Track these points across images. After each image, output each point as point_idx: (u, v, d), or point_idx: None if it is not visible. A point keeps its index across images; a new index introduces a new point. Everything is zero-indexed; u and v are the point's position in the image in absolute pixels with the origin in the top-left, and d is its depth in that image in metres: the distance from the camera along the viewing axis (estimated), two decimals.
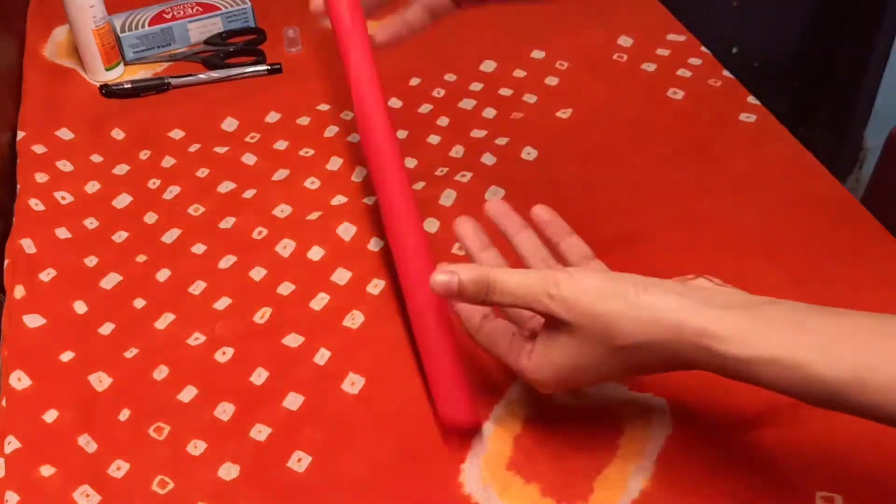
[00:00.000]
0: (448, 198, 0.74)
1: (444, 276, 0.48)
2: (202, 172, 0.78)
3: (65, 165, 0.79)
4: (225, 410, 0.59)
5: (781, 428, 0.56)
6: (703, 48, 0.89)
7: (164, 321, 0.65)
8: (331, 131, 0.82)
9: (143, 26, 0.91)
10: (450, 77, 0.88)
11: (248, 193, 0.76)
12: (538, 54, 0.90)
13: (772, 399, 0.57)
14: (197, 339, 0.64)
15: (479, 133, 0.81)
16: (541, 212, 0.58)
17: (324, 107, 0.85)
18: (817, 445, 0.55)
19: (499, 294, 0.48)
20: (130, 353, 0.63)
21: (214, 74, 0.89)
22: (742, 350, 0.42)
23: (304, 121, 0.83)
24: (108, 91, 0.87)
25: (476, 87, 0.86)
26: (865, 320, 0.42)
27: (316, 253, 0.70)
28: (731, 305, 0.44)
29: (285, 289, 0.67)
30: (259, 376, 0.61)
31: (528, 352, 0.50)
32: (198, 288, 0.68)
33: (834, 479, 0.53)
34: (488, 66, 0.89)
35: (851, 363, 0.40)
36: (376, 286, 0.67)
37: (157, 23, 0.91)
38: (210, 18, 0.93)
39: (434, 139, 0.80)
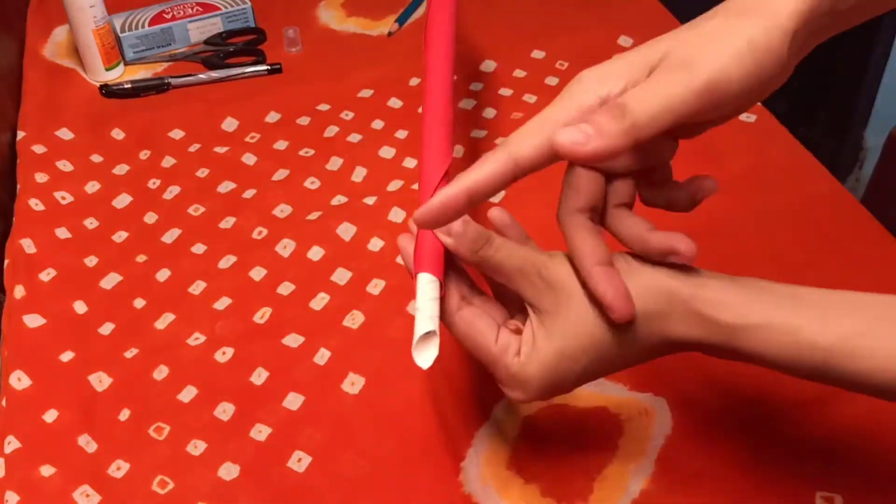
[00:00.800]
0: None
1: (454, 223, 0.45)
2: (202, 172, 0.78)
3: (65, 165, 0.79)
4: (225, 410, 0.59)
5: (781, 428, 0.56)
6: None
7: (164, 321, 0.65)
8: (331, 131, 0.82)
9: (143, 26, 0.91)
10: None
11: (248, 193, 0.76)
12: (538, 54, 0.90)
13: (772, 399, 0.58)
14: (197, 339, 0.64)
15: (479, 133, 0.81)
16: (499, 214, 0.51)
17: (324, 107, 0.85)
18: (817, 445, 0.55)
19: (494, 248, 0.44)
20: (130, 353, 0.63)
21: (214, 74, 0.89)
22: (735, 315, 0.40)
23: (304, 121, 0.83)
24: (108, 91, 0.87)
25: (476, 87, 0.86)
26: (857, 294, 0.41)
27: (316, 253, 0.70)
28: (721, 276, 0.42)
29: (285, 289, 0.67)
30: (259, 376, 0.61)
31: (515, 347, 0.45)
32: (198, 288, 0.68)
33: (834, 479, 0.53)
34: (488, 66, 0.89)
35: (844, 329, 0.39)
36: (376, 286, 0.67)
37: (157, 23, 0.91)
38: (210, 18, 0.93)
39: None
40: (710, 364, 0.60)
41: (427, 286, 0.46)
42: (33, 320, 0.65)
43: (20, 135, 0.82)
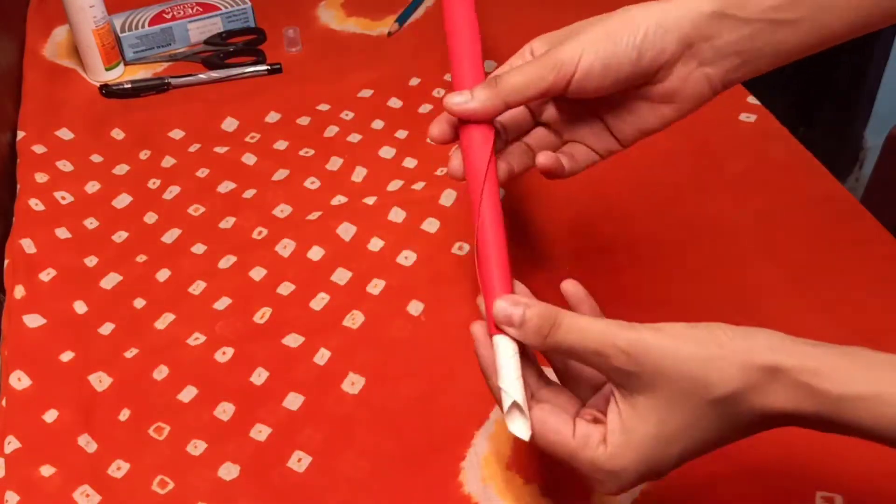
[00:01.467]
0: (448, 198, 0.74)
1: (507, 303, 0.43)
2: (202, 172, 0.78)
3: (65, 165, 0.79)
4: (225, 410, 0.59)
5: (781, 428, 0.56)
6: None
7: (164, 321, 0.65)
8: (331, 131, 0.82)
9: (143, 26, 0.91)
10: (450, 77, 0.87)
11: (248, 193, 0.76)
12: None
13: None
14: (197, 339, 0.64)
15: None
16: (572, 288, 0.48)
17: (324, 107, 0.85)
18: (817, 445, 0.55)
19: (564, 331, 0.41)
20: (130, 353, 0.63)
21: (214, 74, 0.89)
22: (841, 385, 0.38)
23: (304, 121, 0.83)
24: (108, 91, 0.87)
25: None
26: None
27: (316, 253, 0.70)
28: (821, 345, 0.40)
29: (285, 289, 0.67)
30: (259, 376, 0.61)
31: (597, 438, 0.41)
32: (198, 288, 0.68)
33: (834, 479, 0.53)
34: (488, 66, 0.89)
35: None
36: (376, 286, 0.67)
37: (157, 23, 0.91)
38: (210, 18, 0.93)
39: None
40: None
41: (505, 348, 0.44)
42: (33, 320, 0.65)
43: (20, 135, 0.82)
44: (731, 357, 0.39)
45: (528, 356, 0.46)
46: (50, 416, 0.59)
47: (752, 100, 0.82)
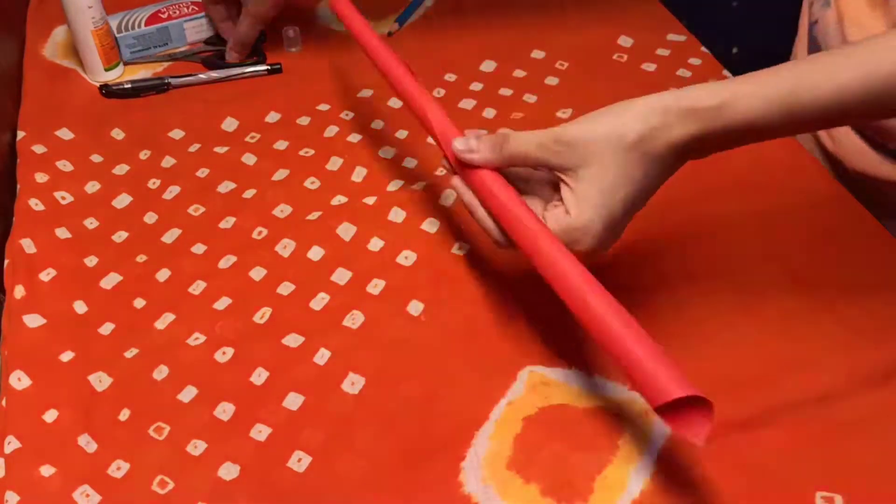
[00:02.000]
0: (448, 198, 0.74)
1: (460, 139, 0.56)
2: (202, 172, 0.78)
3: (65, 165, 0.79)
4: (225, 410, 0.59)
5: (781, 428, 0.56)
6: (703, 48, 0.89)
7: (164, 321, 0.65)
8: (331, 131, 0.82)
9: (139, 26, 0.91)
10: (450, 77, 0.88)
11: (248, 193, 0.76)
12: (538, 54, 0.90)
13: (772, 399, 0.58)
14: (197, 339, 0.64)
15: (479, 133, 0.80)
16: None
17: (324, 107, 0.85)
18: (817, 445, 0.55)
19: (513, 143, 0.54)
20: (130, 353, 0.63)
21: (214, 74, 0.89)
22: (714, 97, 0.50)
23: (304, 121, 0.83)
24: (108, 91, 0.87)
25: (476, 87, 0.86)
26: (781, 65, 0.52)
27: (316, 253, 0.70)
28: (701, 84, 0.52)
29: (285, 289, 0.67)
30: (259, 376, 0.61)
31: (562, 211, 0.53)
32: (198, 288, 0.68)
33: (834, 479, 0.53)
34: (488, 66, 0.89)
35: (789, 75, 0.50)
36: (376, 286, 0.67)
37: (153, 22, 0.91)
38: (206, 17, 0.93)
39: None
40: (709, 364, 0.60)
41: None
42: (33, 320, 0.65)
43: (20, 135, 0.82)
44: (633, 111, 0.51)
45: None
46: (50, 416, 0.59)
47: None
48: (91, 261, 0.70)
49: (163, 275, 0.69)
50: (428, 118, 0.60)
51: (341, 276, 0.68)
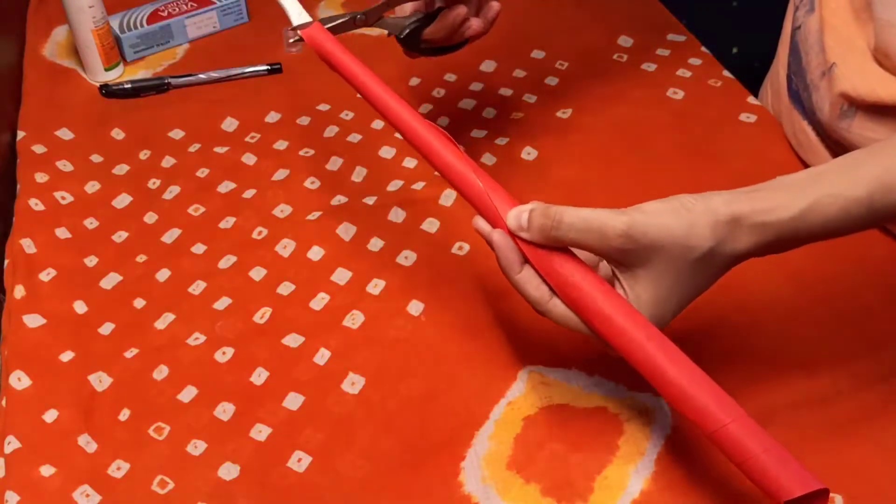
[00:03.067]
0: (448, 198, 0.74)
1: (515, 212, 0.50)
2: (202, 172, 0.78)
3: (65, 165, 0.79)
4: (225, 410, 0.59)
5: (781, 428, 0.56)
6: (703, 48, 0.89)
7: (164, 321, 0.65)
8: (331, 131, 0.82)
9: (140, 25, 0.91)
10: (450, 77, 0.88)
11: (248, 193, 0.76)
12: (538, 54, 0.90)
13: (771, 399, 0.58)
14: (197, 339, 0.64)
15: (479, 133, 0.81)
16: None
17: (324, 107, 0.85)
18: (817, 445, 0.55)
19: (567, 222, 0.48)
20: (130, 353, 0.63)
21: (214, 74, 0.89)
22: (791, 208, 0.47)
23: (304, 121, 0.83)
24: (108, 91, 0.87)
25: (476, 87, 0.86)
26: (849, 156, 0.50)
27: (316, 253, 0.70)
28: (762, 186, 0.49)
29: (285, 289, 0.67)
30: (259, 376, 0.61)
31: None
32: (198, 288, 0.68)
33: (834, 479, 0.53)
34: (488, 66, 0.89)
35: (869, 175, 0.47)
36: (376, 286, 0.67)
37: (154, 21, 0.91)
38: (206, 13, 0.93)
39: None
40: (709, 364, 0.60)
41: None
42: (33, 320, 0.65)
43: (20, 135, 0.82)
44: (701, 219, 0.47)
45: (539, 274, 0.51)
46: (50, 416, 0.59)
47: (752, 100, 0.82)
48: (91, 261, 0.70)
49: (163, 275, 0.69)
50: (477, 185, 0.52)
51: (341, 276, 0.68)
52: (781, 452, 0.46)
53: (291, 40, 0.64)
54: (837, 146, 0.69)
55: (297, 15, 0.63)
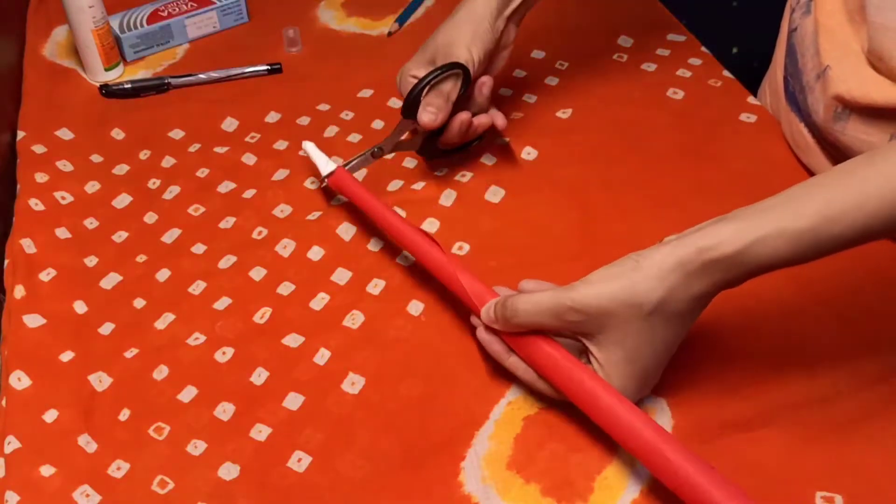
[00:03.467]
0: (448, 198, 0.74)
1: (484, 309, 0.56)
2: (202, 172, 0.78)
3: (65, 165, 0.79)
4: (225, 410, 0.59)
5: (781, 428, 0.56)
6: (703, 48, 0.89)
7: (165, 321, 0.65)
8: (331, 131, 0.82)
9: (140, 25, 0.91)
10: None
11: (248, 193, 0.76)
12: (538, 54, 0.90)
13: (771, 398, 0.58)
14: (197, 339, 0.64)
15: None
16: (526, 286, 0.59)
17: (324, 107, 0.85)
18: (817, 446, 0.55)
19: (522, 310, 0.53)
20: (130, 353, 0.63)
21: (214, 74, 0.89)
22: (734, 244, 0.48)
23: (304, 121, 0.83)
24: (108, 91, 0.87)
25: None
26: (796, 187, 0.49)
27: (316, 253, 0.70)
28: (708, 223, 0.50)
29: (285, 289, 0.67)
30: (259, 376, 0.61)
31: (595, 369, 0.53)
32: (198, 288, 0.68)
33: (834, 479, 0.53)
34: None
35: (812, 208, 0.47)
36: (376, 286, 0.67)
37: (154, 21, 0.91)
38: (205, 13, 0.93)
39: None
40: (709, 364, 0.60)
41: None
42: (33, 320, 0.65)
43: (20, 135, 0.82)
44: (647, 273, 0.49)
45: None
46: (50, 416, 0.59)
47: (752, 100, 0.82)
48: (91, 261, 0.70)
49: (163, 275, 0.69)
50: (461, 284, 0.59)
51: (341, 276, 0.68)
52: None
53: (322, 185, 0.75)
54: (833, 148, 0.69)
55: (324, 166, 0.71)
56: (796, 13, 0.73)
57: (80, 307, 0.67)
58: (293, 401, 0.59)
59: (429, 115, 0.69)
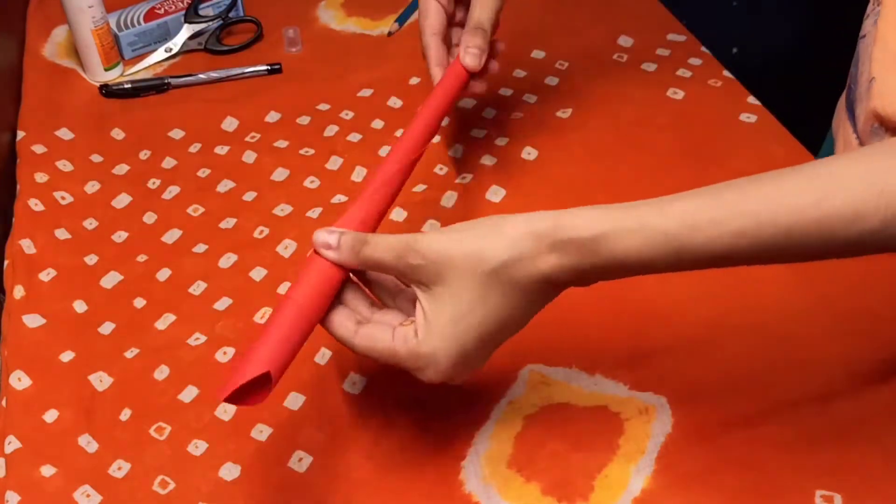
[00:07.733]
0: (449, 199, 0.74)
1: (322, 231, 0.51)
2: (202, 172, 0.78)
3: (65, 165, 0.79)
4: (226, 410, 0.59)
5: (781, 427, 0.56)
6: (703, 48, 0.89)
7: (165, 321, 0.65)
8: (331, 131, 0.82)
9: (137, 23, 0.91)
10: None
11: (248, 193, 0.76)
12: (538, 54, 0.90)
13: (772, 398, 0.58)
14: (197, 339, 0.64)
15: (478, 133, 0.81)
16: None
17: (324, 107, 0.85)
18: (817, 445, 0.55)
19: (371, 248, 0.49)
20: (131, 353, 0.63)
21: (214, 74, 0.89)
22: (592, 228, 0.45)
23: (304, 121, 0.83)
24: (107, 91, 0.87)
25: None
26: (682, 194, 0.46)
27: None
28: (580, 208, 0.47)
29: (286, 289, 0.67)
30: None
31: (411, 333, 0.48)
32: (198, 288, 0.68)
33: (834, 479, 0.53)
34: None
35: (678, 210, 0.45)
36: None
37: (151, 19, 0.91)
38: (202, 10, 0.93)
39: (434, 139, 0.80)
40: (710, 363, 0.60)
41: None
42: (33, 320, 0.65)
43: (20, 135, 0.82)
44: (502, 233, 0.46)
45: (359, 290, 0.52)
46: (50, 416, 0.59)
47: (752, 100, 0.82)
48: (91, 260, 0.70)
49: (163, 275, 0.69)
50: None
51: None
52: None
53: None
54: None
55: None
56: (869, 20, 0.70)
57: (80, 307, 0.67)
58: (294, 400, 0.59)
59: (472, 57, 0.68)
